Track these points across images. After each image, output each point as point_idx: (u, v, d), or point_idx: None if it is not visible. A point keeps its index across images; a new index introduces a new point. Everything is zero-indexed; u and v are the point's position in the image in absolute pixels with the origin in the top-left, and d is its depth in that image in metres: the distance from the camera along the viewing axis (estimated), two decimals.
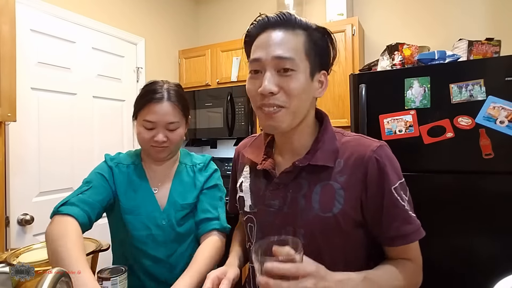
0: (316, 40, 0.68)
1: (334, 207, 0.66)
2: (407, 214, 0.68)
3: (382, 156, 0.68)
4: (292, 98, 0.65)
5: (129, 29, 2.37)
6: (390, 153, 0.72)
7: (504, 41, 1.71)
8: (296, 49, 0.65)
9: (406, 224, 0.67)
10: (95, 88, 2.11)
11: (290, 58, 0.64)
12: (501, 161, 1.46)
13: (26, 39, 1.70)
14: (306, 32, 0.68)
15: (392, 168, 0.69)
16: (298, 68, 0.65)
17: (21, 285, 0.73)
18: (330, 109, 2.25)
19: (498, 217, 1.47)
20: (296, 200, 0.69)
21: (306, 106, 0.69)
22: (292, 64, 0.64)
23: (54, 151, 1.84)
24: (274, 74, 0.65)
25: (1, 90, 1.25)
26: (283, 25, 0.67)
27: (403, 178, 0.70)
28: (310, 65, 0.67)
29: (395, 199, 0.66)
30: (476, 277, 1.48)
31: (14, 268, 0.71)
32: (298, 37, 0.66)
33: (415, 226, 0.69)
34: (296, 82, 0.65)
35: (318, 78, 0.70)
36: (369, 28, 2.44)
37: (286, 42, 0.65)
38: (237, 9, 2.99)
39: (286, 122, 0.67)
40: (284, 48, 0.65)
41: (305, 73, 0.66)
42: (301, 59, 0.66)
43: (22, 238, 1.66)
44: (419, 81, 1.60)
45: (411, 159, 1.63)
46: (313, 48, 0.68)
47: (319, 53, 0.69)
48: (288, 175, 0.71)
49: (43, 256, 0.84)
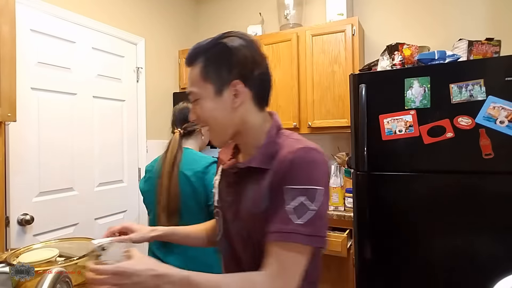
0: (216, 57, 0.73)
1: (262, 204, 0.71)
2: (285, 215, 0.65)
3: (298, 157, 0.68)
4: (206, 121, 0.75)
5: (129, 29, 2.37)
6: (311, 157, 0.68)
7: (504, 41, 1.71)
8: (196, 80, 0.74)
9: (278, 223, 0.65)
10: (95, 88, 2.11)
11: (191, 92, 0.75)
12: (501, 161, 1.46)
13: (26, 39, 1.70)
14: (204, 57, 0.74)
15: (301, 171, 0.67)
16: (200, 96, 0.74)
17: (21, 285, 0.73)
18: (330, 109, 2.25)
19: (498, 217, 1.47)
20: (240, 197, 0.77)
21: (227, 121, 0.75)
22: (194, 95, 0.75)
23: (54, 151, 1.84)
24: (193, 104, 0.77)
25: (1, 90, 1.25)
26: (188, 63, 0.77)
27: (318, 187, 0.66)
28: (214, 84, 0.73)
29: (283, 198, 0.66)
30: (476, 277, 1.48)
31: (14, 268, 0.72)
32: (196, 68, 0.74)
33: (283, 228, 0.64)
34: (202, 109, 0.74)
35: (232, 90, 0.73)
36: (369, 28, 2.44)
37: (190, 78, 0.76)
38: (237, 9, 2.99)
39: (216, 140, 0.78)
40: (189, 85, 0.77)
41: (208, 96, 0.73)
42: (200, 86, 0.74)
43: (22, 238, 1.66)
44: (419, 81, 1.60)
45: (411, 159, 1.63)
46: (213, 68, 0.73)
47: (223, 67, 0.73)
48: (236, 175, 0.79)
49: (43, 256, 0.84)
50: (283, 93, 2.41)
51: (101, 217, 2.13)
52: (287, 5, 2.53)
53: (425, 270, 1.60)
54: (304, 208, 0.65)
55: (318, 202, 0.65)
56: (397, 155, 1.66)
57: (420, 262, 1.60)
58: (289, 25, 2.53)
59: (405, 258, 1.64)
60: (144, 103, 2.48)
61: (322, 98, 2.28)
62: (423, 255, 1.60)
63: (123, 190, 2.31)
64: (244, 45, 0.73)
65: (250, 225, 0.73)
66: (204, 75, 0.73)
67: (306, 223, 0.64)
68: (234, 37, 0.74)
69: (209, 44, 0.75)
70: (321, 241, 0.66)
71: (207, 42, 0.75)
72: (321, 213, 0.66)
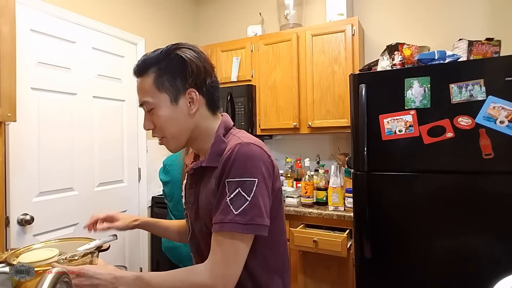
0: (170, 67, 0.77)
1: (212, 200, 0.76)
2: (225, 206, 0.71)
3: (235, 152, 0.73)
4: (163, 129, 0.79)
5: (129, 29, 2.37)
6: (247, 151, 0.73)
7: (504, 41, 1.71)
8: (149, 90, 0.77)
9: (220, 214, 0.71)
10: (95, 88, 2.11)
11: (145, 102, 0.78)
12: (501, 161, 1.46)
13: (26, 39, 1.70)
14: (157, 67, 0.77)
15: (237, 163, 0.72)
16: (156, 105, 0.77)
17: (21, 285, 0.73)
18: (330, 109, 2.25)
19: (498, 217, 1.47)
20: (198, 196, 0.83)
21: (182, 127, 0.80)
22: (149, 104, 0.78)
23: (54, 151, 1.84)
24: (147, 114, 0.80)
25: (1, 90, 1.25)
26: (139, 73, 0.80)
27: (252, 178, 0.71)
28: (169, 93, 0.77)
29: (224, 191, 0.72)
30: (476, 277, 1.48)
31: (14, 268, 0.72)
32: (148, 79, 0.78)
33: (223, 218, 0.70)
34: (158, 117, 0.78)
35: (187, 98, 0.78)
36: (369, 28, 2.44)
37: (141, 88, 0.79)
38: (237, 9, 2.99)
39: (172, 146, 0.82)
40: (141, 95, 0.80)
41: (165, 105, 0.77)
42: (155, 96, 0.77)
43: (22, 238, 1.66)
44: (419, 81, 1.60)
45: (411, 159, 1.63)
46: (167, 77, 0.77)
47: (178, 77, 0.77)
48: (193, 176, 0.85)
49: (43, 256, 0.84)
50: (283, 93, 2.41)
51: None
52: (287, 5, 2.53)
53: (425, 270, 1.60)
54: (242, 199, 0.70)
55: (252, 192, 0.71)
56: (397, 155, 1.66)
57: (420, 262, 1.60)
58: (289, 25, 2.53)
59: (405, 257, 1.64)
60: None
61: (322, 98, 2.28)
62: (423, 254, 1.60)
63: (123, 190, 2.31)
64: (196, 57, 0.78)
65: (208, 222, 0.78)
66: (158, 85, 0.77)
67: (241, 213, 0.69)
68: (186, 48, 0.78)
69: (160, 55, 0.78)
70: (258, 228, 0.70)
71: (157, 53, 0.78)
72: (257, 202, 0.70)
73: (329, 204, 2.10)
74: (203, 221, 0.80)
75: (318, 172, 2.26)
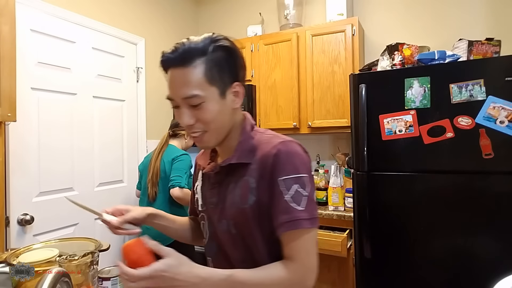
0: (218, 58, 0.71)
1: (249, 198, 0.73)
2: (287, 205, 0.70)
3: (281, 150, 0.73)
4: (209, 124, 0.73)
5: (129, 29, 2.37)
6: (292, 149, 0.74)
7: (504, 41, 1.71)
8: (199, 83, 0.69)
9: (282, 214, 0.70)
10: (95, 88, 2.11)
11: (194, 96, 0.69)
12: (501, 161, 1.46)
13: (26, 39, 1.70)
14: (205, 58, 0.70)
15: (287, 161, 0.72)
16: (205, 99, 0.70)
17: (21, 285, 0.73)
18: (330, 109, 2.25)
19: (498, 217, 1.47)
20: (225, 196, 0.78)
21: (226, 121, 0.76)
22: (197, 99, 0.70)
23: (54, 151, 1.84)
24: (188, 109, 0.72)
25: (1, 90, 1.25)
26: (181, 62, 0.70)
27: (305, 174, 0.72)
28: (218, 87, 0.72)
29: (279, 190, 0.70)
30: (476, 277, 1.48)
31: (14, 268, 0.72)
32: (197, 70, 0.69)
33: (290, 217, 0.69)
34: (207, 112, 0.71)
35: (231, 91, 0.74)
36: (369, 28, 2.44)
37: (188, 81, 0.69)
38: (237, 9, 2.99)
39: (212, 141, 0.77)
40: (188, 88, 0.69)
41: (214, 98, 0.71)
42: (205, 89, 0.70)
43: (22, 238, 1.66)
44: (419, 81, 1.60)
45: (411, 159, 1.63)
46: (217, 69, 0.71)
47: (226, 69, 0.72)
48: (218, 175, 0.81)
49: (43, 256, 0.84)
50: (283, 93, 2.41)
51: None
52: (287, 5, 2.53)
53: (425, 270, 1.60)
54: (300, 195, 0.70)
55: (308, 187, 0.71)
56: (397, 155, 1.66)
57: (420, 262, 1.60)
58: (289, 25, 2.53)
59: (405, 258, 1.64)
60: (144, 103, 2.48)
61: (322, 98, 2.28)
62: (423, 255, 1.60)
63: (123, 190, 2.31)
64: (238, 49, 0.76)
65: (238, 221, 0.75)
66: (209, 77, 0.70)
67: (305, 209, 0.69)
68: (226, 40, 0.74)
69: (205, 44, 0.71)
70: (318, 221, 0.72)
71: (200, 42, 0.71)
72: (312, 196, 0.72)
73: (329, 204, 2.10)
74: (231, 221, 0.77)
75: (318, 172, 2.26)
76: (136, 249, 0.62)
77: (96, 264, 0.80)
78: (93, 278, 0.78)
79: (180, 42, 0.72)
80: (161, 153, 2.00)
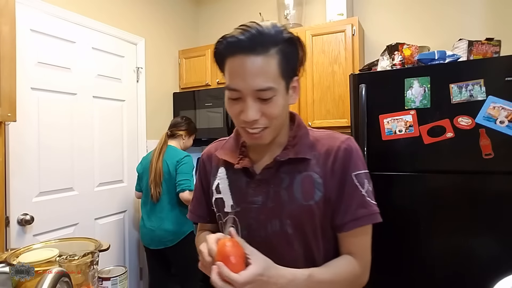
0: (287, 51, 0.66)
1: (315, 194, 0.71)
2: (364, 199, 0.71)
3: (351, 145, 0.73)
4: (274, 120, 0.68)
5: (129, 29, 2.37)
6: (357, 145, 0.75)
7: (504, 41, 1.71)
8: (274, 75, 0.64)
9: (360, 208, 0.70)
10: (95, 88, 2.11)
11: (270, 88, 0.64)
12: (501, 161, 1.46)
13: (26, 39, 1.70)
14: (278, 48, 0.64)
15: (357, 157, 0.73)
16: (277, 93, 0.65)
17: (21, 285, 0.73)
18: (330, 109, 2.25)
19: (498, 217, 1.47)
20: (279, 193, 0.72)
21: (285, 117, 0.74)
22: (271, 92, 0.64)
23: (54, 151, 1.84)
24: (256, 102, 0.65)
25: (1, 90, 1.25)
26: (255, 49, 0.62)
27: (367, 170, 0.74)
28: (286, 81, 0.67)
29: (355, 185, 0.71)
30: (476, 277, 1.48)
31: (14, 268, 0.72)
32: (273, 60, 0.63)
33: (369, 211, 0.71)
34: (276, 107, 0.66)
35: (291, 86, 0.70)
36: (369, 28, 2.44)
37: (263, 71, 0.62)
38: (237, 9, 2.99)
39: (269, 138, 0.71)
40: (263, 79, 0.63)
41: (282, 93, 0.67)
42: (278, 82, 0.65)
43: (22, 238, 1.66)
44: (419, 81, 1.60)
45: (411, 159, 1.63)
46: (286, 62, 0.65)
47: (291, 63, 0.68)
48: (269, 171, 0.74)
49: (43, 256, 0.84)
50: None
51: (101, 217, 2.13)
52: (287, 5, 2.53)
53: (425, 270, 1.60)
54: (371, 189, 0.73)
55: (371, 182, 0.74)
56: (397, 155, 1.66)
57: (420, 262, 1.60)
58: (289, 25, 2.53)
59: (404, 257, 1.64)
60: (144, 103, 2.48)
61: (322, 98, 2.28)
62: (423, 255, 1.60)
63: (123, 190, 2.31)
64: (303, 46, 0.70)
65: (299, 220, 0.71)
66: (282, 71, 0.65)
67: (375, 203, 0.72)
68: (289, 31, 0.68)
69: (277, 34, 0.64)
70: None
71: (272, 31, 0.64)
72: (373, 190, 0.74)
73: None
74: (288, 220, 0.71)
75: None
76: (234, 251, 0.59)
77: (96, 264, 0.80)
78: (93, 278, 0.78)
79: (250, 25, 0.63)
80: (161, 154, 2.02)
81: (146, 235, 2.03)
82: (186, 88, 2.83)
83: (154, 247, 2.01)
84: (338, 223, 0.72)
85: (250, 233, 0.74)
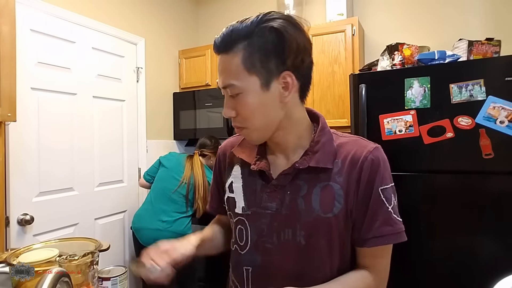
0: (263, 44, 0.62)
1: (334, 207, 0.66)
2: (390, 216, 0.67)
3: (378, 157, 0.68)
4: (248, 119, 0.66)
5: (129, 29, 2.37)
6: (384, 156, 0.70)
7: (504, 41, 1.71)
8: (235, 71, 0.62)
9: (385, 225, 0.66)
10: (95, 88, 2.11)
11: (229, 85, 0.64)
12: (501, 161, 1.46)
13: (26, 39, 1.70)
14: (247, 42, 0.62)
15: (385, 170, 0.69)
16: (243, 89, 0.63)
17: (21, 285, 0.73)
18: (330, 109, 2.25)
19: (498, 217, 1.47)
20: (295, 201, 0.68)
21: (272, 117, 0.66)
22: (234, 89, 0.63)
23: (54, 151, 1.84)
24: (229, 99, 0.66)
25: (1, 90, 1.25)
26: (223, 48, 0.64)
27: (393, 183, 0.70)
28: (260, 76, 0.62)
29: (381, 200, 0.67)
30: (476, 277, 1.48)
31: (14, 268, 0.72)
32: (235, 57, 0.62)
33: (394, 229, 0.67)
34: (244, 105, 0.64)
35: (280, 82, 0.64)
36: (369, 28, 2.44)
37: (225, 69, 0.64)
38: (237, 9, 2.99)
39: (254, 137, 0.69)
40: (224, 77, 0.64)
41: (254, 90, 0.63)
42: (242, 79, 0.62)
43: (22, 238, 1.66)
44: (419, 81, 1.60)
45: (411, 159, 1.63)
46: (259, 57, 0.62)
47: (271, 56, 0.62)
48: (286, 177, 0.70)
49: (43, 256, 0.84)
50: None
51: (101, 217, 2.13)
52: (287, 5, 2.53)
53: (425, 270, 1.60)
54: (396, 205, 0.69)
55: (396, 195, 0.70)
56: (397, 155, 1.66)
57: (419, 262, 1.60)
58: None
59: (404, 257, 1.64)
60: (144, 103, 2.48)
61: (322, 98, 2.28)
62: (423, 255, 1.60)
63: (123, 190, 2.31)
64: (294, 31, 0.63)
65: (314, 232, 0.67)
66: (248, 65, 0.61)
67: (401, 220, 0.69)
68: (281, 19, 0.63)
69: (251, 27, 0.62)
70: None
71: (246, 25, 0.63)
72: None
73: None
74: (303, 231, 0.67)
75: None
76: None
77: (96, 264, 0.80)
78: (93, 278, 0.78)
79: (232, 23, 0.65)
80: (204, 175, 2.16)
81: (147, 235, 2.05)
82: (186, 88, 2.83)
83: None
84: (359, 237, 0.68)
85: (260, 239, 0.71)
